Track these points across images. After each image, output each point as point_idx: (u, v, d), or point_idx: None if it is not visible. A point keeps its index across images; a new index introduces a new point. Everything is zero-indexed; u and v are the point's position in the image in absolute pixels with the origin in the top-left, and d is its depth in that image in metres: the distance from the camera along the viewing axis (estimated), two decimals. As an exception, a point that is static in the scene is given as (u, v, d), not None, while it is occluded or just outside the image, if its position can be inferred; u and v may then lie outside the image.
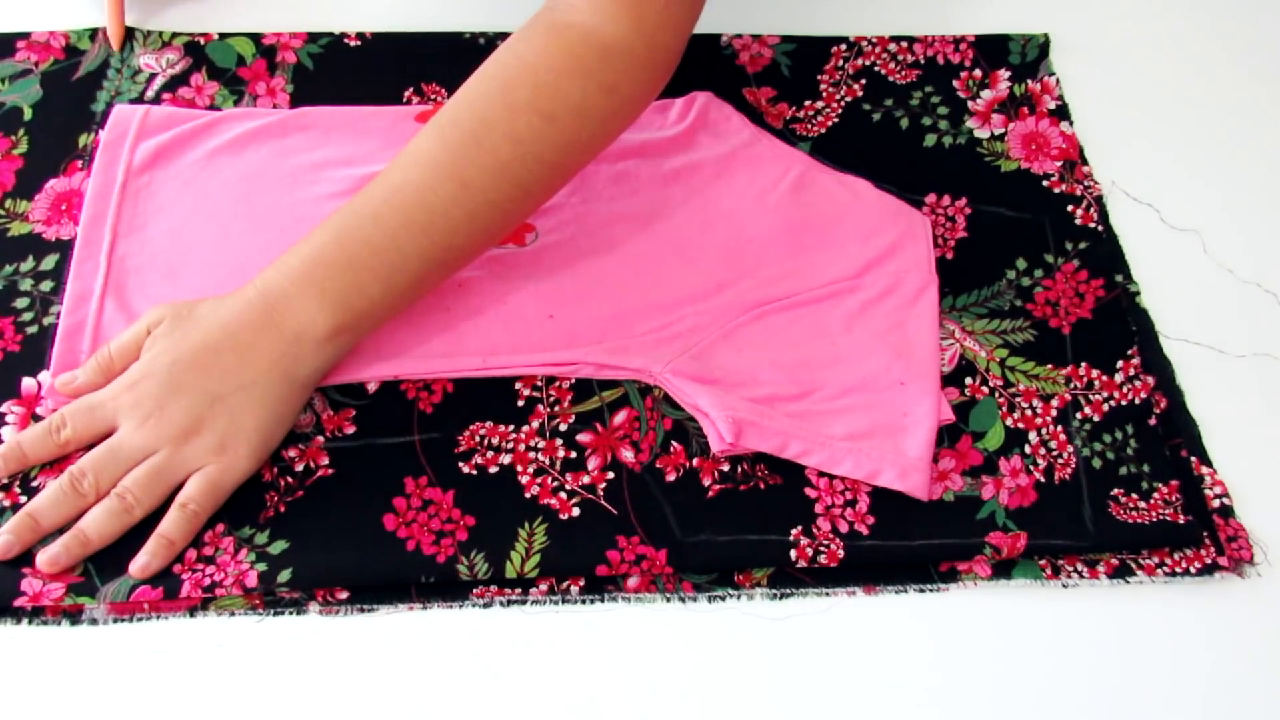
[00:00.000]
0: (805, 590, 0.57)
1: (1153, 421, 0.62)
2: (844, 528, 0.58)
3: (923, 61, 0.76)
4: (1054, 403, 0.62)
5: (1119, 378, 0.63)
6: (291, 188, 0.66)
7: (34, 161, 0.67)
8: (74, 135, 0.68)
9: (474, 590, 0.55)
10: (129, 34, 0.73)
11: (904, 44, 0.77)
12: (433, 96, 0.72)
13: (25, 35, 0.72)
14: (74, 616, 0.54)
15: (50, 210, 0.65)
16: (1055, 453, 0.61)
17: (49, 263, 0.63)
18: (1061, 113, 0.74)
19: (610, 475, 0.59)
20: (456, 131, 0.57)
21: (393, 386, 0.61)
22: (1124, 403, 0.63)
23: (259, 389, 0.55)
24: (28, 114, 0.69)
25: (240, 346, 0.55)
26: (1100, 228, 0.69)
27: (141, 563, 0.53)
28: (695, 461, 0.59)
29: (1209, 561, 0.58)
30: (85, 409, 0.56)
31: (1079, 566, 0.58)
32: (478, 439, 0.59)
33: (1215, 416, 0.63)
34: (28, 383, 0.59)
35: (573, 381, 0.61)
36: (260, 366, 0.55)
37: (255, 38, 0.73)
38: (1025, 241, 0.68)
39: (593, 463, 0.59)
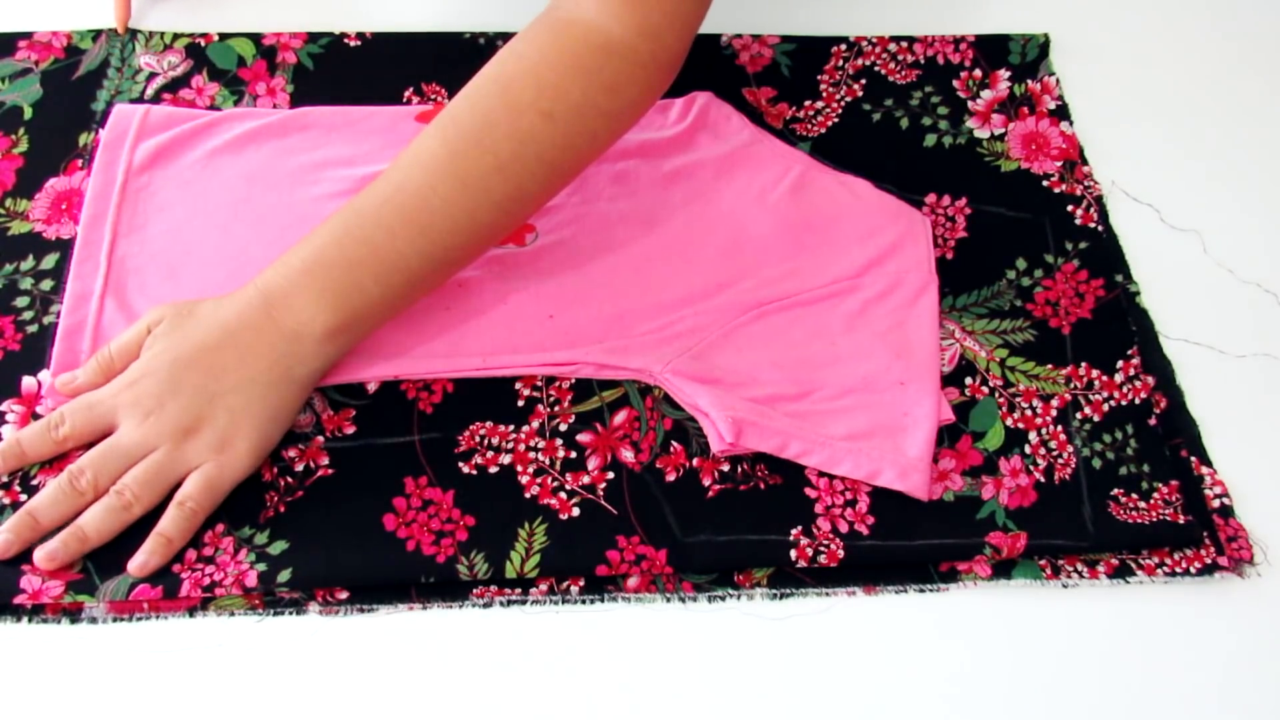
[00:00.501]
0: (805, 590, 0.57)
1: (1153, 421, 0.62)
2: (844, 528, 0.57)
3: (923, 61, 0.76)
4: (1054, 403, 0.62)
5: (1119, 378, 0.63)
6: (292, 188, 0.66)
7: (34, 160, 0.67)
8: (74, 134, 0.68)
9: (474, 590, 0.55)
10: (132, 35, 0.73)
11: (904, 44, 0.77)
12: (433, 96, 0.72)
13: (27, 35, 0.72)
14: (74, 615, 0.54)
15: (50, 209, 0.65)
16: (1055, 453, 0.61)
17: (49, 262, 0.63)
18: (1061, 113, 0.74)
19: (610, 475, 0.59)
20: (457, 131, 0.57)
21: (393, 386, 0.61)
22: (1124, 403, 0.63)
23: (258, 388, 0.55)
24: (28, 113, 0.69)
25: (240, 346, 0.55)
26: (1100, 228, 0.69)
27: (140, 561, 0.53)
28: (695, 461, 0.59)
29: (1209, 561, 0.58)
30: (84, 407, 0.56)
31: (1079, 566, 0.58)
32: (478, 439, 0.59)
33: (1215, 416, 0.63)
34: (28, 381, 0.59)
35: (573, 381, 0.61)
36: (260, 366, 0.55)
37: (255, 38, 0.73)
38: (1025, 241, 0.68)
39: (593, 463, 0.59)
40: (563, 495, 0.58)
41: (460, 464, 0.58)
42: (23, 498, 0.55)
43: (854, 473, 0.58)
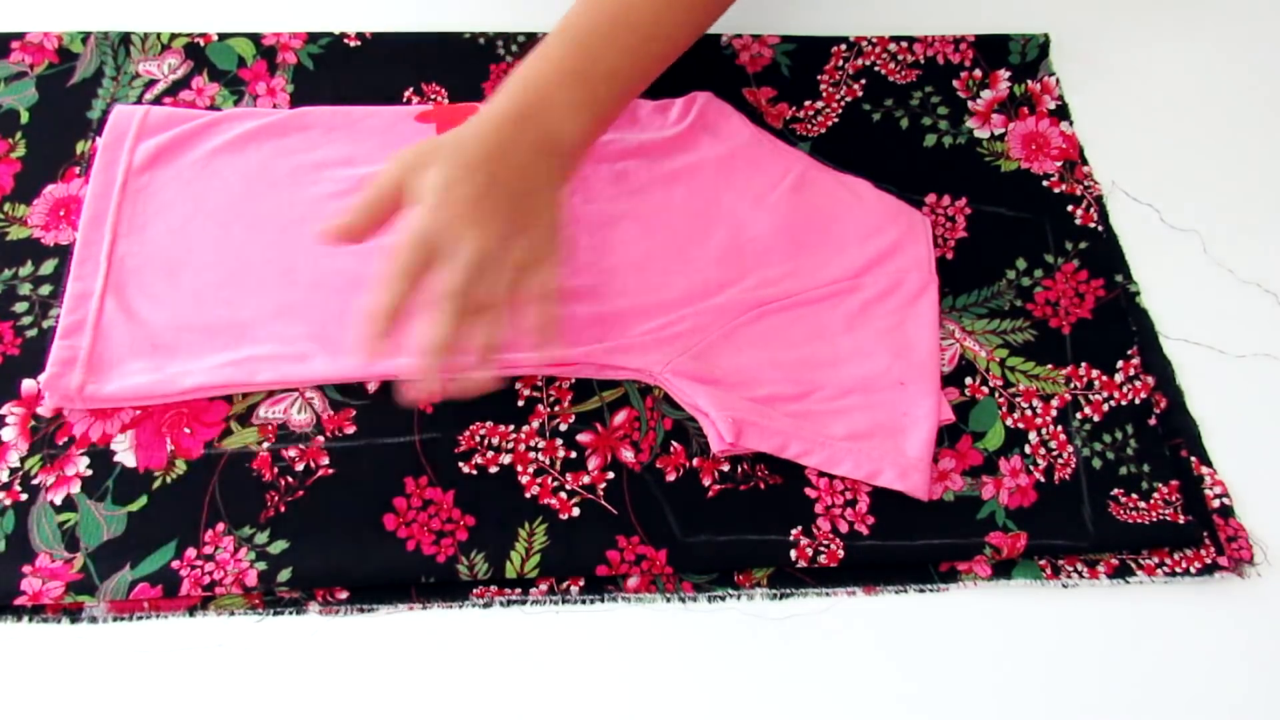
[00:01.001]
0: (805, 590, 0.57)
1: (1153, 421, 0.62)
2: (844, 528, 0.58)
3: (923, 61, 0.76)
4: (1054, 403, 0.62)
5: (1119, 378, 0.63)
6: (291, 188, 0.66)
7: (32, 166, 0.67)
8: (71, 142, 0.68)
9: (474, 590, 0.55)
10: (125, 39, 0.72)
11: (904, 44, 0.77)
12: (433, 96, 0.72)
13: (19, 36, 0.72)
14: (74, 615, 0.54)
15: (49, 215, 0.65)
16: (1055, 453, 0.61)
17: (48, 267, 0.63)
18: (1061, 113, 0.74)
19: (610, 475, 0.59)
20: None
21: (393, 386, 0.61)
22: (1124, 403, 0.63)
23: (540, 195, 0.55)
24: (24, 117, 0.69)
25: (510, 165, 0.55)
26: (1100, 228, 0.69)
27: (540, 340, 0.54)
28: (695, 461, 0.59)
29: (1209, 561, 0.58)
30: (417, 243, 0.53)
31: (1079, 566, 0.58)
32: (478, 439, 0.59)
33: (1215, 416, 0.63)
34: (27, 384, 0.59)
35: (573, 381, 0.61)
36: (535, 176, 0.55)
37: (255, 38, 0.73)
38: (1025, 241, 0.68)
39: (593, 463, 0.59)
40: (563, 495, 0.58)
41: (460, 464, 0.58)
42: (23, 497, 0.56)
43: (854, 473, 0.58)
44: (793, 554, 0.57)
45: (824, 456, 0.59)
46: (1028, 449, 0.61)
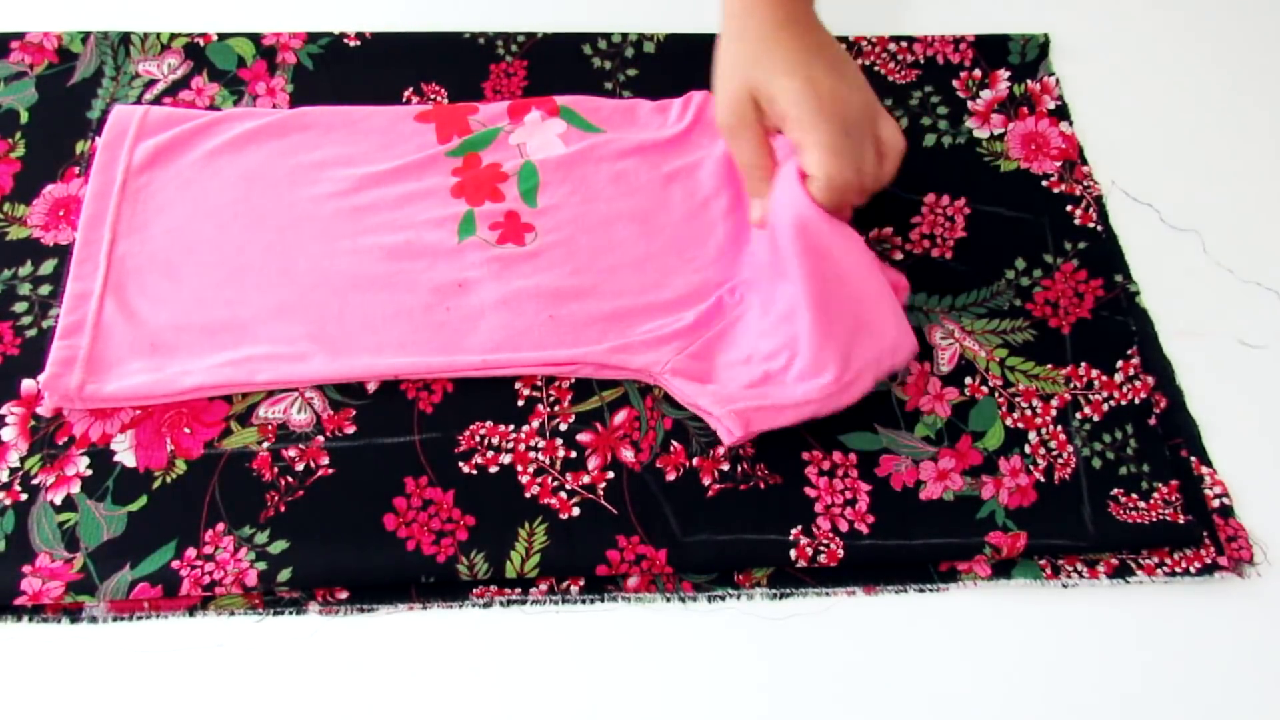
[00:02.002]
0: (805, 590, 0.57)
1: (1152, 421, 0.62)
2: (844, 527, 0.58)
3: (922, 61, 0.76)
4: (1054, 403, 0.62)
5: (1119, 378, 0.63)
6: (291, 187, 0.66)
7: (31, 166, 0.67)
8: (70, 142, 0.68)
9: (474, 590, 0.55)
10: (125, 39, 0.73)
11: (904, 44, 0.77)
12: (432, 96, 0.72)
13: (19, 36, 0.72)
14: (74, 615, 0.54)
15: (48, 215, 0.65)
16: (1055, 453, 0.61)
17: (47, 267, 0.63)
18: (1061, 113, 0.74)
19: (610, 475, 0.59)
20: None
21: (393, 386, 0.61)
22: (1124, 403, 0.63)
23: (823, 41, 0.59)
24: (24, 117, 0.69)
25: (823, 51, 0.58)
26: (1100, 228, 0.69)
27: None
28: (695, 461, 0.59)
29: (1209, 561, 0.58)
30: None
31: (1079, 566, 0.58)
32: (478, 439, 0.59)
33: (1215, 416, 0.63)
34: (27, 384, 0.59)
35: (573, 381, 0.61)
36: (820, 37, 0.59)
37: (255, 38, 0.73)
38: (1024, 241, 0.68)
39: (593, 462, 0.59)
40: (563, 495, 0.58)
41: (460, 464, 0.58)
42: (23, 497, 0.56)
43: (867, 389, 0.57)
44: (792, 554, 0.57)
45: (836, 402, 0.57)
46: (1027, 449, 0.61)
